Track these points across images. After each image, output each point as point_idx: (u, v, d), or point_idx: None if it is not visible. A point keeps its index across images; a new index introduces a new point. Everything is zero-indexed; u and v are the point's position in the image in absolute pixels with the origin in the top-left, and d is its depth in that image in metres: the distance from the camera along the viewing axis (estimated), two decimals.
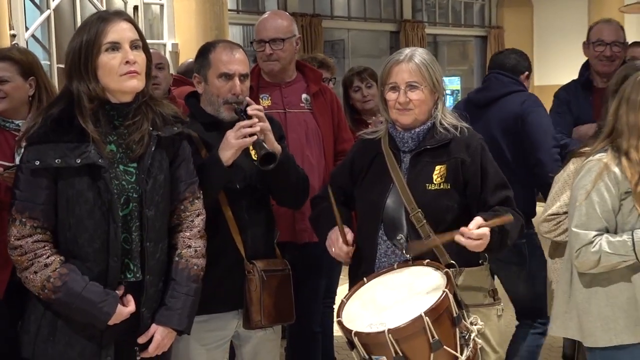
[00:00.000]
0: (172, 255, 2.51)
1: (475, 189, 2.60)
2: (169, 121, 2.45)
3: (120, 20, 2.34)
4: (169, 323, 2.45)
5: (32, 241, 2.29)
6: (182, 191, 2.52)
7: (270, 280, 2.77)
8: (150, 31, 7.19)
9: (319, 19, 10.10)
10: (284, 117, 3.50)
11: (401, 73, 2.61)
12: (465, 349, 2.40)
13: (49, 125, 2.30)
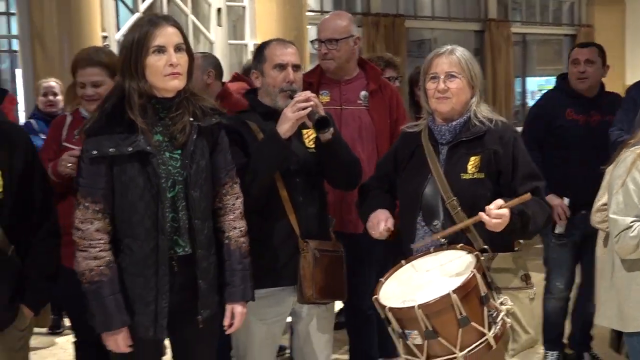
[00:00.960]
0: (221, 238, 2.77)
1: (507, 179, 2.76)
2: (208, 113, 2.70)
3: (167, 25, 2.59)
4: (237, 299, 2.76)
5: (93, 229, 2.57)
6: (223, 176, 2.76)
7: (322, 258, 2.98)
8: (234, 32, 7.41)
9: (401, 19, 10.18)
10: (339, 113, 3.72)
11: (441, 64, 2.81)
12: (493, 326, 2.55)
13: (103, 119, 2.57)
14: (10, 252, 2.59)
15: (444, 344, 2.53)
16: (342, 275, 3.10)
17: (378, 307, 2.61)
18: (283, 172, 2.96)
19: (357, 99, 3.82)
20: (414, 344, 2.57)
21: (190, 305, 2.68)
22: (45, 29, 5.88)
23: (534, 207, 2.71)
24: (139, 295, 2.61)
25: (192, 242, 2.67)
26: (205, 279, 2.68)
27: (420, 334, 2.54)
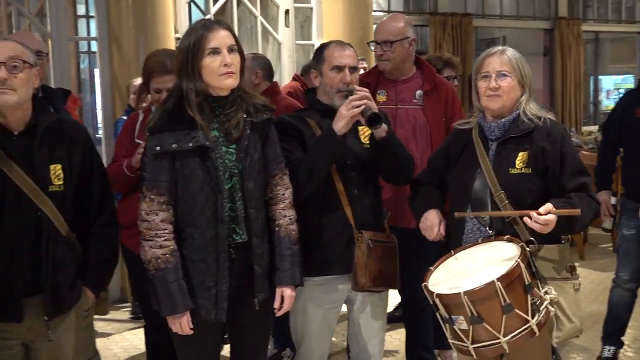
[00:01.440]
0: (272, 226, 2.92)
1: (554, 174, 2.85)
2: (259, 109, 2.86)
3: (220, 28, 2.77)
4: (286, 282, 2.91)
5: (159, 220, 2.75)
6: (273, 168, 2.92)
7: (376, 248, 3.10)
8: (301, 32, 7.51)
9: (469, 17, 10.23)
10: (394, 112, 3.84)
11: (493, 63, 2.91)
12: (537, 314, 2.64)
13: (165, 117, 2.76)
14: (73, 240, 2.77)
15: (488, 330, 2.64)
16: (395, 265, 3.22)
17: (427, 293, 2.73)
18: (339, 166, 3.08)
19: (413, 98, 3.93)
20: (460, 328, 2.69)
21: (246, 289, 2.84)
22: (122, 31, 6.09)
23: (581, 205, 2.77)
24: (201, 280, 2.78)
25: (248, 230, 2.82)
26: (260, 264, 2.85)
27: (465, 319, 2.65)
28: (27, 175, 2.65)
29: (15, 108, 2.63)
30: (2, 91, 2.57)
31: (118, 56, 6.13)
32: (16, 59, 2.60)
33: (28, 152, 2.68)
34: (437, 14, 10.09)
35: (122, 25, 6.12)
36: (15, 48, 2.65)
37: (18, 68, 2.59)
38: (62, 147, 2.77)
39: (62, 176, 2.75)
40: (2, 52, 2.60)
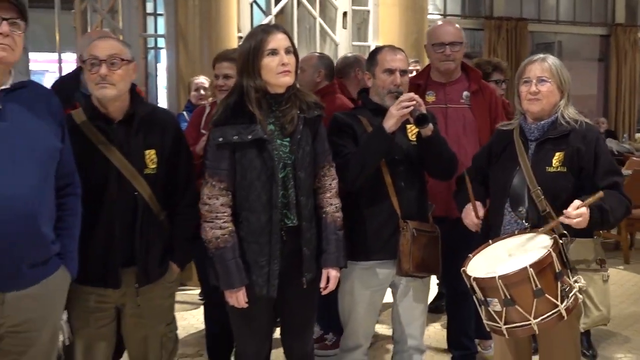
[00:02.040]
0: (319, 213, 3.16)
1: (588, 173, 3.05)
2: (311, 106, 3.10)
3: (278, 32, 3.03)
4: (331, 264, 3.16)
5: (219, 204, 3.01)
6: (322, 160, 3.16)
7: (419, 237, 3.33)
8: (358, 34, 7.69)
9: (524, 22, 10.39)
10: (445, 111, 4.09)
11: (534, 69, 3.14)
12: (566, 300, 2.85)
13: (228, 111, 3.02)
14: (162, 218, 3.09)
15: (520, 312, 2.85)
16: (437, 253, 3.44)
17: (465, 277, 2.97)
18: (388, 160, 3.32)
19: (460, 98, 4.18)
20: (494, 310, 2.91)
21: (295, 269, 3.09)
22: (188, 30, 6.39)
23: (612, 202, 2.98)
24: (255, 260, 3.04)
25: (298, 215, 3.07)
26: (308, 247, 3.10)
27: (499, 301, 2.87)
28: (126, 159, 2.96)
29: (115, 100, 2.94)
30: (102, 85, 2.88)
31: (184, 53, 6.42)
32: (115, 57, 2.90)
33: (126, 139, 2.98)
34: (492, 18, 10.26)
35: (188, 24, 6.41)
36: (114, 47, 2.96)
37: (116, 65, 2.90)
38: (156, 134, 3.06)
39: (156, 160, 3.04)
40: (104, 50, 2.90)
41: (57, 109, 2.83)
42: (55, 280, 2.75)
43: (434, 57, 4.23)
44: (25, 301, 2.65)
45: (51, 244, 2.72)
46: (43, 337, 2.76)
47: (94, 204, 2.94)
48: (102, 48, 2.94)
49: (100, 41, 3.03)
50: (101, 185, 2.95)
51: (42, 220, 2.65)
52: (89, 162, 2.94)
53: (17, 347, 2.71)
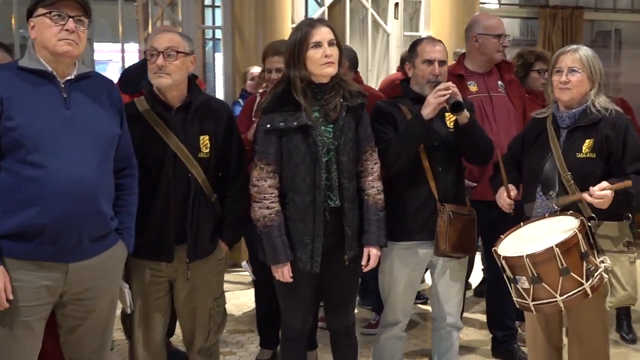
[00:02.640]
0: (362, 195, 3.33)
1: (616, 159, 3.16)
2: (354, 95, 3.26)
3: (322, 25, 3.20)
4: (372, 243, 3.33)
5: (267, 185, 3.20)
6: (364, 145, 3.31)
7: (456, 219, 3.46)
8: (410, 24, 7.84)
9: (581, 10, 10.32)
10: (489, 99, 4.23)
11: (565, 60, 3.26)
12: (591, 278, 2.98)
13: (275, 100, 3.21)
14: (213, 199, 3.31)
15: (546, 289, 2.99)
16: (473, 235, 3.57)
17: (495, 256, 3.13)
18: (426, 146, 3.47)
19: (497, 87, 4.33)
20: (523, 287, 3.06)
21: (338, 247, 3.27)
22: (244, 22, 6.62)
23: (637, 184, 3.07)
24: (299, 238, 3.22)
25: (341, 197, 3.24)
26: (350, 226, 3.27)
27: (527, 279, 3.02)
28: (182, 144, 3.18)
29: (171, 88, 3.16)
30: (159, 75, 3.11)
31: (240, 44, 6.65)
32: (172, 49, 3.12)
33: (183, 125, 3.20)
34: (547, 7, 10.22)
35: (244, 16, 6.64)
36: (172, 39, 3.18)
37: (172, 56, 3.12)
38: (210, 121, 3.27)
39: (209, 145, 3.26)
40: (161, 43, 3.13)
41: (117, 98, 3.05)
42: (113, 253, 2.98)
43: (491, 47, 4.35)
44: (86, 271, 2.88)
45: (110, 221, 2.94)
46: (102, 305, 3.00)
47: (151, 184, 3.17)
48: (161, 41, 3.16)
49: (160, 34, 3.26)
50: (158, 166, 3.18)
51: (101, 199, 2.87)
52: (149, 145, 3.17)
53: (80, 313, 2.95)
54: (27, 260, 2.78)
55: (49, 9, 2.77)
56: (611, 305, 3.15)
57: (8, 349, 2.84)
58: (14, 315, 2.80)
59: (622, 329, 4.92)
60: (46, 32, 2.78)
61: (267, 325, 4.46)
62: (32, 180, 2.73)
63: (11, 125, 2.72)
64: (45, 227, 2.75)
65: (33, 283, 2.80)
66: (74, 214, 2.78)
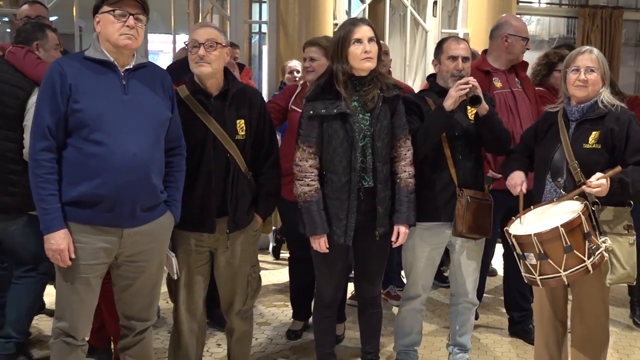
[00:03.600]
0: (395, 178, 3.57)
1: (619, 151, 3.35)
2: (390, 87, 3.53)
3: (363, 24, 3.46)
4: (402, 222, 3.59)
5: (308, 165, 3.49)
6: (399, 133, 3.57)
7: (473, 203, 3.71)
8: (448, 22, 7.98)
9: (620, 10, 10.34)
10: (512, 95, 4.48)
11: (583, 60, 3.44)
12: (592, 257, 3.19)
13: (318, 89, 3.49)
14: (249, 177, 3.57)
15: (552, 265, 3.21)
16: (489, 219, 3.80)
17: (507, 235, 3.37)
18: (448, 136, 3.71)
19: (516, 84, 4.58)
20: (530, 264, 3.28)
21: (370, 224, 3.54)
22: (289, 17, 6.80)
23: (635, 175, 3.28)
24: (335, 213, 3.52)
25: (374, 178, 3.51)
26: (382, 205, 3.55)
27: (534, 256, 3.24)
28: (220, 127, 3.45)
29: (210, 77, 3.44)
30: (200, 64, 3.39)
31: (284, 38, 6.85)
32: (212, 41, 3.40)
33: (221, 110, 3.46)
34: (587, 6, 10.28)
35: (289, 11, 6.82)
36: (211, 32, 3.45)
37: (212, 47, 3.39)
38: (245, 107, 3.53)
39: (245, 129, 3.51)
40: (202, 35, 3.41)
41: (169, 85, 3.32)
42: (162, 221, 3.27)
43: (519, 48, 4.60)
44: (139, 237, 3.17)
45: (160, 193, 3.23)
46: (151, 267, 3.30)
47: (195, 163, 3.45)
48: (201, 34, 3.43)
49: (200, 28, 3.53)
50: (201, 147, 3.46)
51: (153, 174, 3.15)
52: (191, 128, 3.44)
53: (132, 273, 3.26)
54: (87, 224, 3.07)
55: (113, 7, 3.05)
56: (611, 282, 3.34)
57: (69, 302, 3.16)
58: (75, 272, 3.10)
59: (635, 314, 5.12)
60: (110, 27, 3.06)
61: (300, 299, 4.74)
62: (94, 155, 3.01)
63: (77, 108, 3.00)
64: (104, 196, 3.03)
65: (92, 245, 3.09)
66: (128, 186, 3.05)
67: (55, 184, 3.05)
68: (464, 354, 4.15)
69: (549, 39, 11.92)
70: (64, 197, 3.06)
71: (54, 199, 3.04)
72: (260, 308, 5.24)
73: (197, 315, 3.71)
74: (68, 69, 3.07)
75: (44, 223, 3.04)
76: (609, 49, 10.15)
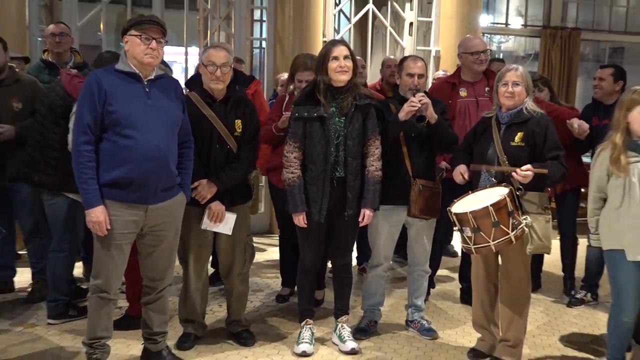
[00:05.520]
0: (364, 170, 3.93)
1: (539, 148, 3.79)
2: (363, 97, 3.91)
3: (341, 44, 3.88)
4: (368, 206, 3.98)
5: (293, 157, 3.90)
6: (369, 134, 3.91)
7: (424, 191, 4.14)
8: (423, 40, 8.27)
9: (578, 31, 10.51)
10: (475, 103, 4.88)
11: (511, 76, 3.88)
12: (515, 230, 3.61)
13: (303, 97, 3.91)
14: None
15: (483, 237, 3.63)
16: (438, 203, 4.20)
17: (449, 214, 3.78)
18: (405, 136, 4.12)
19: (485, 93, 4.94)
20: (467, 236, 3.71)
21: (341, 207, 3.94)
22: (285, 35, 7.09)
23: (553, 168, 3.71)
24: (312, 197, 3.90)
25: (345, 170, 3.88)
26: (351, 192, 3.93)
27: (470, 229, 3.67)
28: (223, 125, 3.88)
29: (221, 90, 3.92)
30: (216, 82, 3.86)
31: (280, 53, 7.14)
32: (226, 65, 3.85)
33: (224, 112, 3.91)
34: (549, 27, 10.55)
35: (284, 30, 7.12)
36: (226, 57, 3.88)
37: (226, 69, 3.86)
38: (241, 110, 3.96)
39: (241, 126, 3.94)
40: (219, 59, 3.85)
41: (180, 92, 3.66)
42: (177, 199, 3.63)
43: (470, 62, 4.98)
44: (159, 211, 3.54)
45: (175, 177, 3.57)
46: (169, 236, 3.67)
47: (203, 153, 3.90)
48: (219, 57, 3.88)
49: (215, 51, 3.94)
50: (208, 141, 3.90)
51: (170, 161, 3.52)
52: (201, 126, 3.86)
53: (154, 241, 3.65)
54: (120, 202, 3.44)
55: (139, 32, 3.45)
56: (530, 251, 3.76)
57: (105, 264, 3.56)
58: (110, 240, 3.48)
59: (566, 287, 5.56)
60: (136, 48, 3.44)
61: (287, 269, 5.14)
62: (125, 147, 3.36)
63: (111, 109, 3.38)
64: (134, 179, 3.40)
65: (124, 217, 3.46)
66: (152, 171, 3.41)
67: (93, 169, 3.41)
68: (419, 313, 4.59)
69: (524, 55, 12.38)
70: (101, 180, 3.41)
71: (93, 181, 3.40)
72: (255, 279, 5.63)
73: (202, 277, 4.15)
74: (103, 79, 3.44)
75: (85, 201, 3.41)
76: (568, 65, 10.50)
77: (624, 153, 3.59)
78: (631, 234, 3.60)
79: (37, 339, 4.33)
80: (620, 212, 3.64)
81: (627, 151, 3.60)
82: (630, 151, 3.60)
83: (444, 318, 4.95)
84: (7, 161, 4.79)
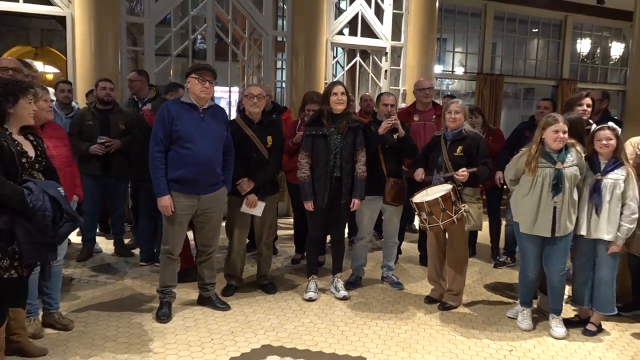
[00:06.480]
0: (354, 173, 3.91)
1: (474, 157, 3.81)
2: (354, 121, 3.92)
3: (339, 84, 3.87)
4: (357, 196, 3.96)
5: (304, 162, 3.88)
6: (358, 147, 3.90)
7: (395, 185, 4.13)
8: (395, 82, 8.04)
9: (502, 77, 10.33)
10: (424, 126, 4.85)
11: (453, 106, 3.89)
12: (457, 213, 3.66)
13: (312, 120, 3.91)
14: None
15: (435, 219, 3.68)
16: (404, 195, 4.19)
17: (412, 203, 3.79)
18: (383, 147, 4.11)
19: (431, 119, 4.94)
20: (423, 218, 3.74)
21: (338, 197, 3.94)
22: (298, 78, 6.99)
23: (482, 170, 3.74)
24: (318, 190, 3.90)
25: (341, 172, 3.88)
26: (345, 187, 3.92)
27: (425, 214, 3.70)
28: (259, 140, 3.88)
29: (258, 114, 3.91)
30: (254, 107, 3.85)
31: (295, 93, 7.02)
32: (260, 95, 3.85)
33: (260, 131, 3.91)
34: (481, 74, 10.49)
35: (298, 74, 7.02)
36: (260, 90, 3.89)
37: (261, 98, 3.86)
38: (272, 129, 3.98)
39: (272, 140, 3.95)
40: (256, 91, 3.85)
41: (225, 117, 3.70)
42: (221, 191, 3.67)
43: (420, 95, 4.98)
44: (209, 199, 3.59)
45: (219, 176, 3.62)
46: (215, 217, 3.69)
47: (244, 159, 3.88)
48: (255, 90, 3.88)
49: (254, 87, 3.97)
50: (247, 151, 3.89)
51: (216, 165, 3.56)
52: (242, 140, 3.86)
53: (205, 219, 3.66)
54: (181, 193, 3.49)
55: (197, 75, 3.47)
56: (467, 228, 3.78)
57: (171, 234, 3.59)
58: (175, 219, 3.53)
59: (493, 254, 5.49)
60: (195, 87, 3.46)
61: (299, 240, 5.06)
62: (186, 155, 3.43)
63: (176, 129, 3.43)
64: (190, 177, 3.44)
65: (183, 203, 3.52)
66: (203, 172, 3.48)
67: (163, 170, 3.44)
68: (391, 271, 4.55)
69: (464, 92, 12.34)
70: (168, 177, 3.45)
71: (163, 178, 3.44)
72: (277, 247, 5.56)
73: (243, 243, 4.13)
74: (172, 108, 3.47)
75: (158, 191, 3.44)
76: (495, 100, 10.41)
77: (535, 160, 3.54)
78: (528, 215, 3.57)
79: (125, 288, 4.32)
80: (525, 199, 3.61)
81: (540, 158, 3.54)
82: (541, 158, 3.55)
83: (408, 275, 4.89)
84: (114, 164, 4.85)
